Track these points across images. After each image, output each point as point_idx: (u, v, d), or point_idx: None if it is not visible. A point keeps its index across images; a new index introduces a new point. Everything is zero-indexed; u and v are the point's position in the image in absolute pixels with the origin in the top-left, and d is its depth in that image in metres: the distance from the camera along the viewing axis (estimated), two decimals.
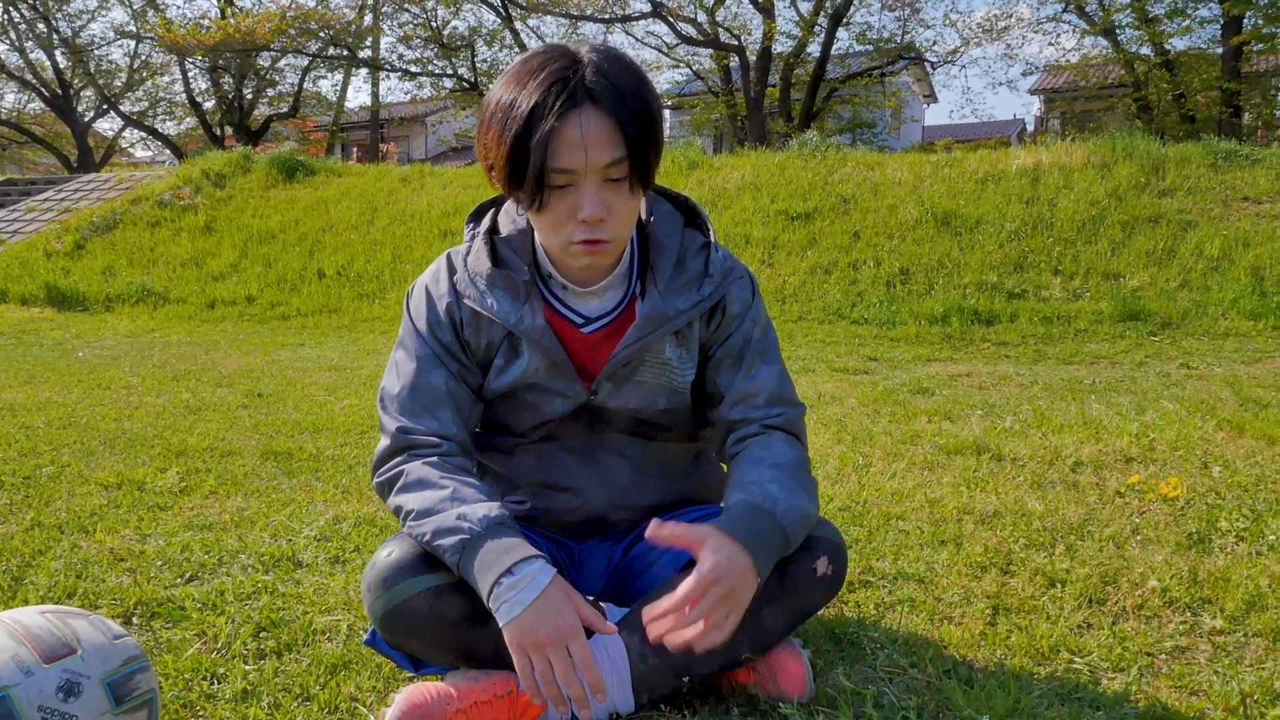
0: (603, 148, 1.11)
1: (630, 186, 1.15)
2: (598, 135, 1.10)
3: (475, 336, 1.28)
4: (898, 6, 16.74)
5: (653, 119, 1.15)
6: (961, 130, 24.16)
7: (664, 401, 1.32)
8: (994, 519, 2.03)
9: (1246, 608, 1.53)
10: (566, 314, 1.28)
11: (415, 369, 1.27)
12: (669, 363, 1.29)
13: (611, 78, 1.11)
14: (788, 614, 1.25)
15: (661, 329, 1.26)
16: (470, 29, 19.75)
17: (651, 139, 1.14)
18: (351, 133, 25.40)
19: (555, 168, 1.11)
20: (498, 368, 1.29)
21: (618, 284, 1.29)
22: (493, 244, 1.29)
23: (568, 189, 1.13)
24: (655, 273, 1.27)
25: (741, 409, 1.29)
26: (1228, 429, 2.84)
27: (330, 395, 3.88)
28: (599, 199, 1.13)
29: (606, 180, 1.13)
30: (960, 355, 5.09)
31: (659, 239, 1.28)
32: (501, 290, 1.25)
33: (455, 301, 1.28)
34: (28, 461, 2.68)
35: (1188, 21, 14.26)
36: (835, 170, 8.07)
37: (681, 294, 1.27)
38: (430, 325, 1.28)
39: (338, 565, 1.83)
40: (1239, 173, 6.98)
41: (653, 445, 1.37)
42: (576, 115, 1.09)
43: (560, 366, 1.27)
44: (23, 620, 0.99)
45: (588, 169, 1.11)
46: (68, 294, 8.35)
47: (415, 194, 9.42)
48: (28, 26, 20.41)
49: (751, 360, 1.30)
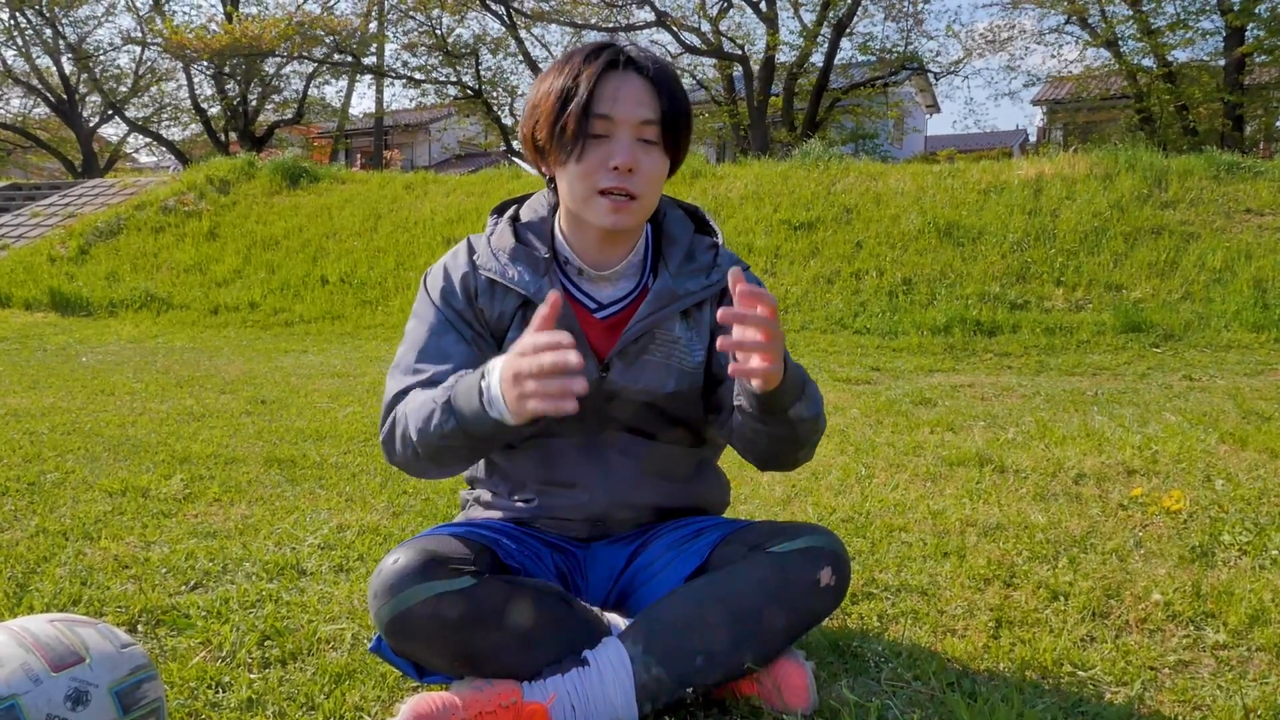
0: (639, 105, 1.24)
1: (660, 152, 1.26)
2: (636, 93, 1.24)
3: (489, 305, 1.34)
4: (901, 17, 16.78)
5: (685, 98, 1.28)
6: (964, 141, 24.18)
7: (673, 383, 1.35)
8: (997, 531, 2.04)
9: (1250, 622, 1.53)
10: (580, 298, 1.35)
11: (426, 333, 1.33)
12: (678, 341, 1.35)
13: (655, 59, 1.27)
14: (791, 624, 1.26)
15: (672, 305, 1.33)
16: (475, 37, 19.84)
17: (683, 113, 1.27)
18: (355, 139, 25.46)
19: (597, 113, 1.22)
20: (511, 340, 1.33)
21: (631, 273, 1.37)
22: (515, 228, 1.37)
23: (602, 140, 1.24)
24: (666, 260, 1.36)
25: None
26: (1230, 442, 2.84)
27: (333, 402, 3.89)
28: (631, 150, 1.23)
29: (640, 140, 1.24)
30: (962, 366, 5.09)
31: (671, 233, 1.39)
32: (523, 263, 1.33)
33: (472, 272, 1.35)
34: (32, 467, 2.68)
35: (1190, 33, 14.28)
36: (838, 180, 8.08)
37: (691, 278, 1.36)
38: (444, 294, 1.35)
39: (342, 573, 1.83)
40: (1241, 185, 6.99)
41: (656, 446, 1.38)
42: (618, 74, 1.24)
43: (574, 337, 1.27)
44: (32, 629, 1.00)
45: (624, 121, 1.23)
46: (72, 299, 8.37)
47: (419, 201, 9.44)
48: (34, 32, 20.51)
49: None
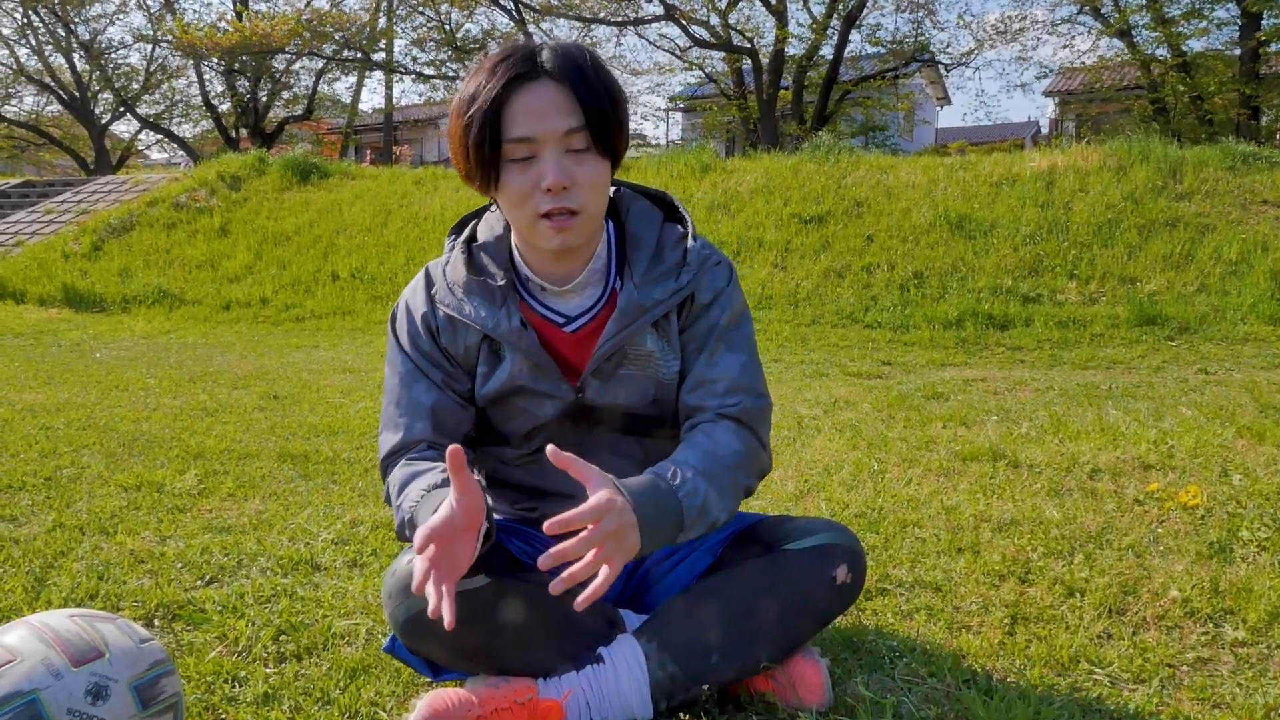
0: (559, 115, 1.15)
1: (595, 156, 1.17)
2: (553, 103, 1.15)
3: (453, 343, 1.30)
4: (911, 9, 16.69)
5: (610, 90, 1.18)
6: (975, 133, 24.04)
7: (653, 392, 1.31)
8: (1011, 527, 2.03)
9: (1269, 619, 1.52)
10: (547, 315, 1.30)
11: (398, 384, 1.32)
12: (651, 355, 1.29)
13: (566, 56, 1.16)
14: (806, 621, 1.25)
15: (640, 320, 1.26)
16: (484, 32, 19.83)
17: (611, 108, 1.17)
18: (365, 135, 25.51)
19: (512, 138, 1.15)
20: (482, 375, 1.31)
21: (595, 280, 1.30)
22: (469, 252, 1.32)
23: (530, 161, 1.16)
24: (631, 266, 1.28)
25: (698, 395, 1.28)
26: (1247, 436, 2.82)
27: (345, 397, 3.90)
28: (560, 166, 1.15)
29: (569, 151, 1.16)
30: (975, 360, 5.07)
31: (635, 234, 1.30)
32: (478, 297, 1.28)
33: (431, 311, 1.31)
34: (48, 463, 2.70)
35: (1205, 22, 14.14)
36: (848, 173, 8.05)
37: (658, 285, 1.27)
38: (411, 338, 1.32)
39: (356, 569, 1.84)
40: (1258, 175, 6.92)
41: (652, 443, 1.35)
42: (532, 87, 1.15)
43: (544, 367, 1.27)
44: (52, 624, 1.00)
45: (545, 137, 1.15)
46: (85, 295, 8.42)
47: (428, 196, 9.45)
48: (47, 30, 20.61)
49: (715, 347, 1.29)
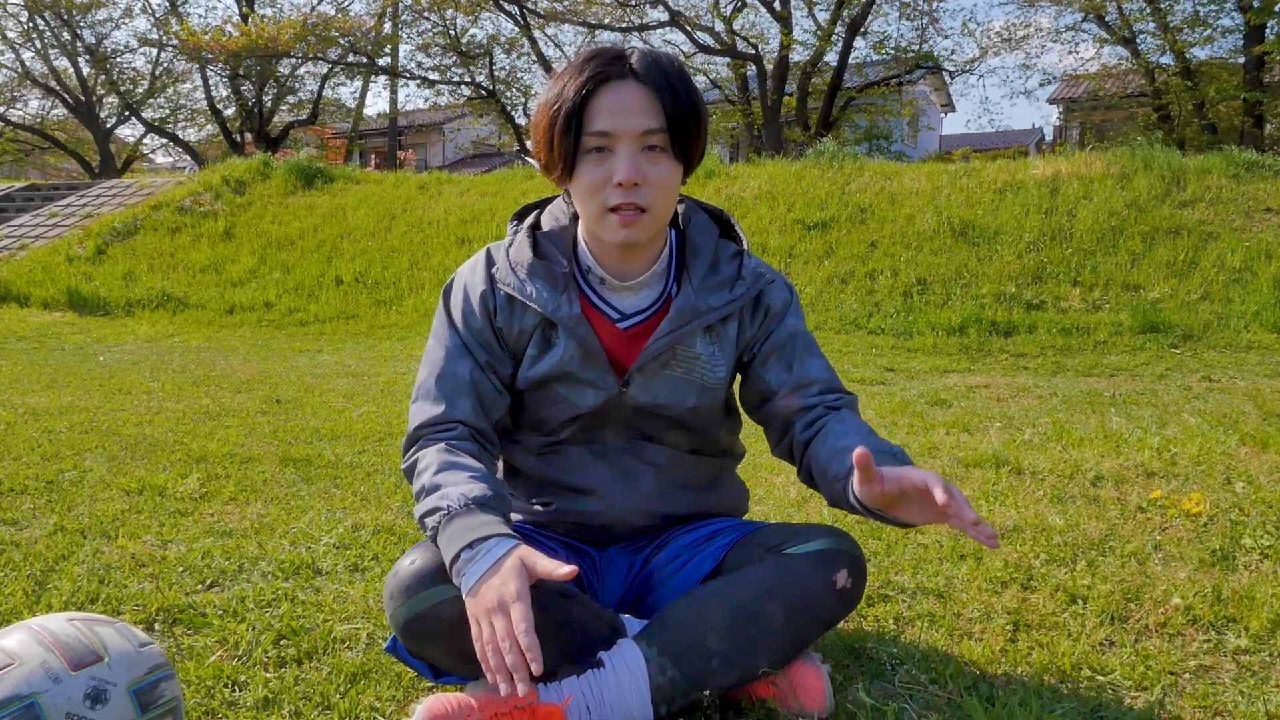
0: (639, 114, 1.18)
1: (669, 159, 1.21)
2: (635, 102, 1.18)
3: (508, 324, 1.32)
4: (915, 16, 16.71)
5: (693, 99, 1.22)
6: (979, 140, 24.06)
7: (694, 398, 1.34)
8: (1014, 533, 2.02)
9: (1272, 627, 1.51)
10: (603, 308, 1.33)
11: (443, 357, 1.32)
12: (699, 358, 1.33)
13: (654, 61, 1.21)
14: (806, 627, 1.25)
15: (694, 323, 1.30)
16: (489, 37, 19.91)
17: (692, 114, 1.21)
18: (370, 140, 25.59)
19: (592, 130, 1.18)
20: (531, 358, 1.32)
21: (655, 282, 1.34)
22: (534, 239, 1.34)
23: (605, 155, 1.20)
24: (690, 273, 1.32)
25: (800, 396, 1.34)
26: (1251, 444, 2.81)
27: (348, 402, 3.90)
28: (634, 163, 1.19)
29: (644, 149, 1.20)
30: (978, 367, 5.06)
31: (695, 242, 1.34)
32: (541, 279, 1.30)
33: (490, 290, 1.32)
34: (50, 466, 2.70)
35: (1209, 30, 14.17)
36: (852, 179, 8.05)
37: (714, 293, 1.32)
38: (464, 315, 1.33)
39: (357, 573, 1.84)
40: (1261, 184, 6.92)
41: (678, 455, 1.38)
42: (617, 85, 1.19)
43: (594, 355, 1.30)
44: (51, 627, 1.00)
45: (624, 135, 1.18)
46: (89, 299, 8.44)
47: (433, 201, 9.47)
48: (52, 34, 20.71)
49: (802, 353, 1.36)
